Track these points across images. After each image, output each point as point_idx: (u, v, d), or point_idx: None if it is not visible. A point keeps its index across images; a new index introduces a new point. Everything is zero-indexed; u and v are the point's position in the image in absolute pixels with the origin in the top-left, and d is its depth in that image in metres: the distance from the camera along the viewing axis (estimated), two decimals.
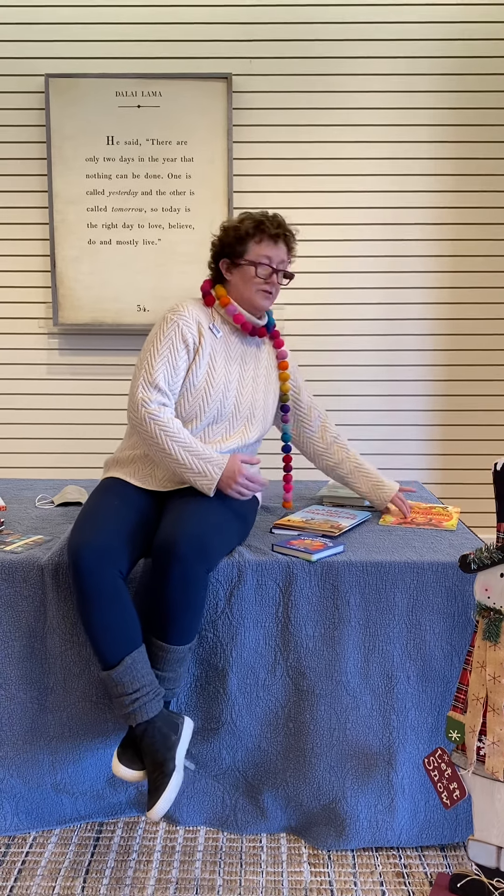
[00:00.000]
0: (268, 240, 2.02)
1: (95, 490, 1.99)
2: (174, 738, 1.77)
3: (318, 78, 3.45)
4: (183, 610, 1.76)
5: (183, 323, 2.00)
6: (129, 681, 1.73)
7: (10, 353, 3.63)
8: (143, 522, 1.89)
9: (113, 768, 1.77)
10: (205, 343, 2.02)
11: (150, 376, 1.94)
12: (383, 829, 1.90)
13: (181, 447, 1.90)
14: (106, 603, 1.73)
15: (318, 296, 3.58)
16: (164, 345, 1.98)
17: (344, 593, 1.87)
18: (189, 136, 3.47)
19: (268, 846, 1.93)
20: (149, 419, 1.91)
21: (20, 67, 3.46)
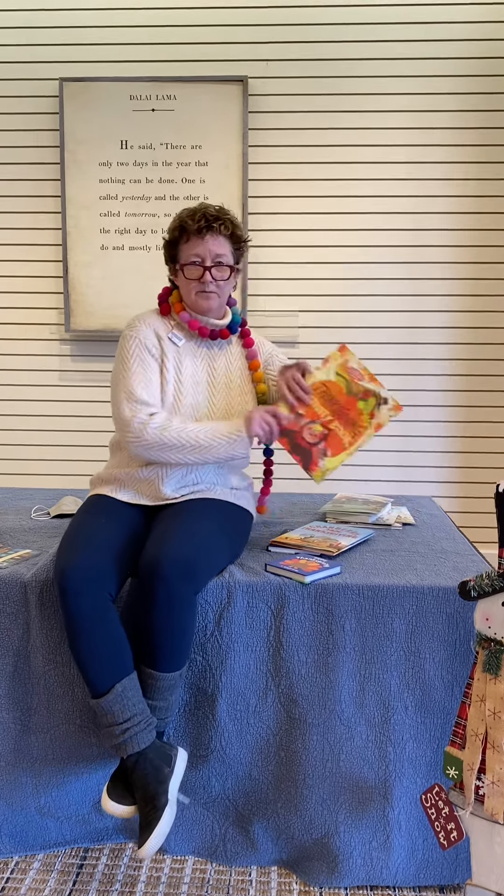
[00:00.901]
0: (193, 237, 1.90)
1: (81, 508, 1.92)
2: (167, 771, 1.68)
3: (336, 80, 3.36)
4: (170, 634, 1.68)
5: (142, 336, 1.95)
6: (119, 710, 1.66)
7: (22, 358, 3.60)
8: (131, 540, 1.82)
9: (102, 804, 1.69)
10: (167, 355, 1.95)
11: (130, 393, 1.89)
12: (378, 867, 1.80)
13: (197, 432, 1.83)
14: (94, 627, 1.65)
15: (334, 303, 3.49)
16: (132, 361, 1.92)
17: (339, 618, 1.78)
18: (203, 140, 3.41)
19: (257, 880, 1.84)
20: (149, 429, 1.84)
21: (34, 71, 3.43)
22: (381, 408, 1.91)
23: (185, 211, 1.94)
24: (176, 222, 1.94)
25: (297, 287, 3.50)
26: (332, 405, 1.90)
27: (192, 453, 1.84)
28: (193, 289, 1.92)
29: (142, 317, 1.98)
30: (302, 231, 3.46)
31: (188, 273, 1.91)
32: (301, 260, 3.48)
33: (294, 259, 3.48)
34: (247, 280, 3.45)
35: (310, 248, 3.46)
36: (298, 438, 1.90)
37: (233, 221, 1.94)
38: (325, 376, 1.92)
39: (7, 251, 3.54)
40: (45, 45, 3.40)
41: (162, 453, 1.86)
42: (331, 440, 1.89)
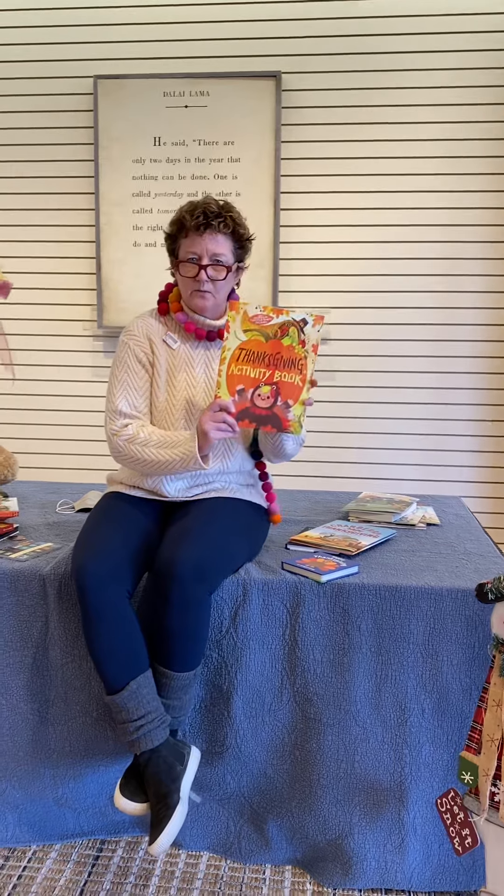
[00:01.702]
0: (192, 234, 1.85)
1: (97, 505, 1.93)
2: (179, 769, 1.69)
3: (372, 74, 3.33)
4: (185, 634, 1.69)
5: (134, 343, 1.94)
6: (133, 707, 1.67)
7: (55, 354, 3.64)
8: (147, 537, 1.83)
9: (115, 800, 1.70)
10: (159, 359, 1.93)
11: (113, 406, 1.91)
12: (393, 870, 1.78)
13: (156, 448, 1.83)
14: (111, 625, 1.66)
15: (366, 299, 3.45)
16: (121, 370, 1.93)
17: (355, 618, 1.76)
18: (236, 136, 3.40)
19: (271, 878, 1.84)
20: (120, 443, 1.87)
21: (69, 69, 3.46)
22: (305, 331, 1.81)
23: (187, 205, 1.89)
24: (176, 216, 1.89)
25: (328, 283, 3.47)
26: (263, 361, 1.81)
27: (153, 468, 1.85)
28: (189, 287, 1.89)
29: (137, 320, 1.97)
30: (334, 227, 3.43)
31: (183, 270, 1.88)
32: (333, 256, 3.45)
33: (326, 255, 3.45)
34: (277, 276, 3.44)
35: (342, 244, 3.43)
36: (255, 410, 1.81)
37: (234, 219, 1.88)
38: (237, 340, 1.81)
39: (43, 248, 3.58)
40: (80, 43, 3.43)
41: (130, 464, 1.89)
42: (284, 390, 1.80)
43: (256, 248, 3.42)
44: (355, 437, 3.52)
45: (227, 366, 1.80)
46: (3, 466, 2.32)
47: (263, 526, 1.97)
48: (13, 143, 3.53)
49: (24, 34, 3.45)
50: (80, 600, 1.66)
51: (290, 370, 1.80)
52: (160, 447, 1.82)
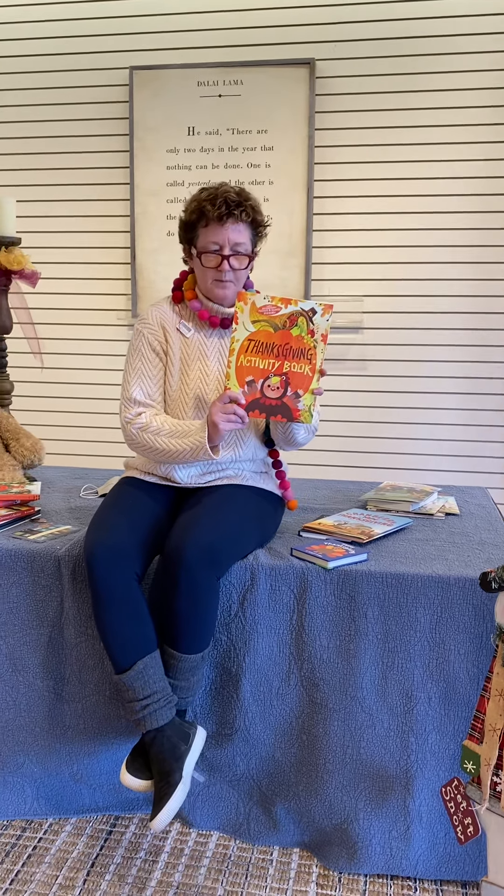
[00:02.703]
0: (213, 223, 1.84)
1: (112, 489, 1.97)
2: (183, 748, 1.72)
3: (406, 59, 3.28)
4: (192, 618, 1.71)
5: (148, 331, 1.95)
6: (140, 686, 1.70)
7: (90, 343, 3.71)
8: (159, 520, 1.86)
9: (121, 777, 1.74)
10: (172, 348, 1.94)
11: (126, 394, 1.94)
12: (398, 856, 1.79)
13: (167, 437, 1.85)
14: (119, 605, 1.70)
15: (401, 287, 3.42)
16: (135, 359, 1.95)
17: (361, 605, 1.76)
18: (270, 124, 3.40)
19: (278, 860, 1.86)
20: (133, 431, 1.89)
21: (105, 61, 3.50)
22: (314, 321, 1.80)
23: (205, 193, 1.88)
24: (194, 205, 1.87)
25: (362, 271, 3.45)
26: (272, 351, 1.80)
27: (164, 456, 1.87)
28: (210, 276, 1.89)
29: (153, 308, 1.99)
30: (368, 214, 3.41)
31: (205, 261, 1.88)
32: (367, 244, 3.43)
33: (360, 243, 3.43)
34: (310, 264, 3.43)
35: (376, 231, 3.41)
36: (265, 401, 1.81)
37: (254, 207, 1.88)
38: (245, 332, 1.81)
39: (79, 238, 3.64)
40: (116, 34, 3.47)
41: (143, 452, 1.91)
42: (294, 380, 1.80)
43: (289, 237, 3.42)
44: (387, 426, 3.50)
45: (236, 357, 1.81)
46: (29, 451, 2.38)
47: (276, 513, 1.98)
48: (50, 136, 3.59)
49: (61, 27, 3.51)
50: (89, 580, 1.70)
51: (300, 360, 1.80)
52: (171, 436, 1.85)
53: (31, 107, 3.59)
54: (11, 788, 1.97)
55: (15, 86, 3.59)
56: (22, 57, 3.56)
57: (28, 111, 3.60)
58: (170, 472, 1.94)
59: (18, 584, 1.89)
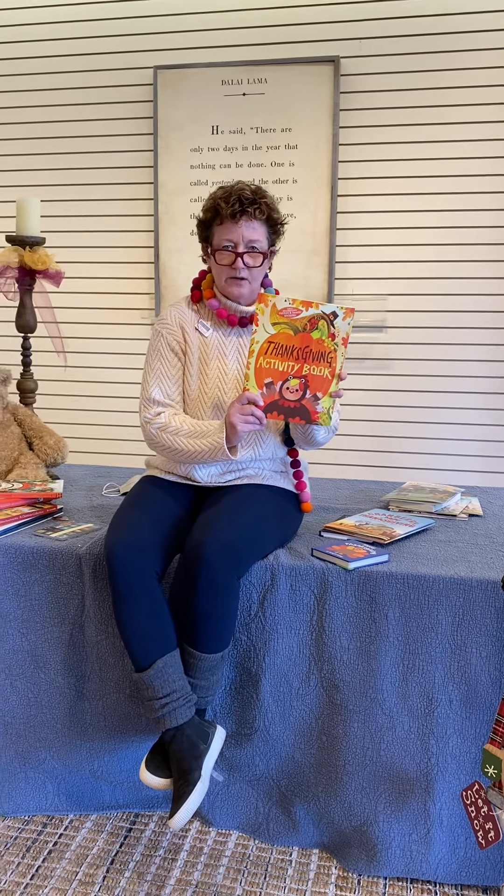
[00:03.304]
0: (227, 221, 1.84)
1: (133, 488, 1.98)
2: (202, 747, 1.72)
3: (432, 56, 3.25)
4: (212, 617, 1.71)
5: (166, 331, 1.95)
6: (159, 685, 1.71)
7: (113, 342, 3.72)
8: (179, 519, 1.86)
9: (140, 774, 1.74)
10: (191, 347, 1.94)
11: (146, 394, 1.94)
12: (418, 860, 1.78)
13: (185, 438, 1.85)
14: (139, 604, 1.71)
15: (425, 286, 3.40)
16: (154, 359, 1.95)
17: (382, 606, 1.75)
18: (294, 122, 3.39)
19: (297, 861, 1.86)
20: (152, 431, 1.90)
21: (130, 61, 3.51)
22: (335, 324, 1.78)
23: (220, 191, 1.88)
24: (210, 203, 1.88)
25: (386, 270, 3.43)
26: (291, 354, 1.79)
27: (183, 456, 1.87)
28: (225, 274, 1.89)
29: (172, 308, 1.99)
30: (393, 213, 3.38)
31: (220, 258, 1.88)
32: (391, 242, 3.40)
33: (383, 241, 3.41)
34: (334, 263, 3.42)
35: (400, 229, 3.38)
36: (284, 403, 1.80)
37: (269, 204, 1.88)
38: (266, 333, 1.79)
39: (103, 237, 3.66)
40: (141, 34, 3.48)
41: (162, 452, 1.91)
42: (313, 383, 1.78)
43: (312, 235, 3.41)
44: (410, 426, 3.47)
45: (255, 359, 1.80)
46: (52, 450, 2.40)
47: (296, 513, 1.97)
48: (75, 135, 3.61)
49: (85, 28, 3.53)
50: (109, 578, 1.71)
51: (320, 363, 1.79)
52: (190, 436, 1.85)
53: (55, 107, 3.62)
54: (33, 784, 1.98)
55: (40, 86, 3.62)
56: (47, 58, 3.59)
57: (53, 111, 3.62)
58: (190, 471, 1.94)
59: (40, 581, 1.91)
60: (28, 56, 3.60)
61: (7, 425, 2.36)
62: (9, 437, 2.34)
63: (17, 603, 1.92)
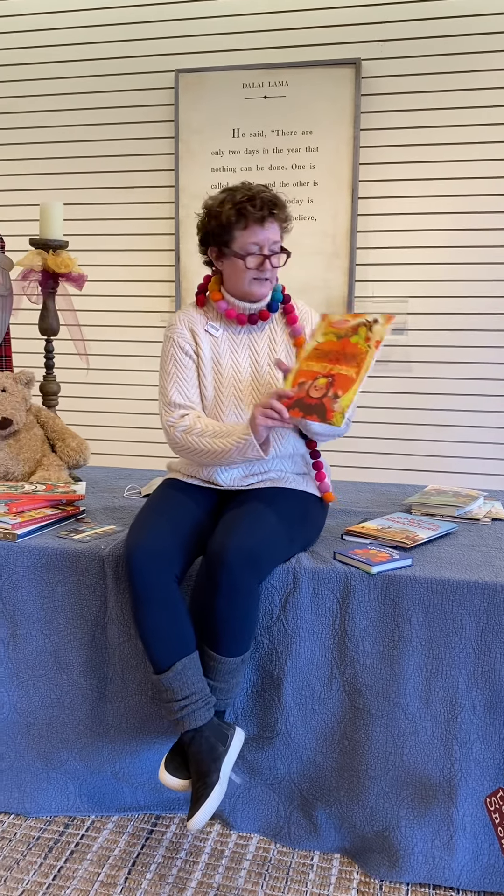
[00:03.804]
0: (254, 224, 1.85)
1: (155, 491, 1.98)
2: (221, 750, 1.72)
3: (453, 58, 3.24)
4: (232, 621, 1.71)
5: (177, 336, 1.96)
6: (178, 687, 1.71)
7: (134, 345, 3.74)
8: (200, 523, 1.87)
9: (159, 775, 1.75)
10: (203, 349, 1.95)
11: (166, 398, 1.95)
12: (441, 866, 1.76)
13: (212, 438, 1.85)
14: (158, 606, 1.71)
15: (446, 288, 3.38)
16: (169, 364, 1.96)
17: (405, 610, 1.74)
18: (314, 125, 3.39)
19: (318, 865, 1.85)
20: (178, 435, 1.90)
21: (151, 65, 3.53)
22: (373, 328, 1.80)
23: (238, 194, 1.87)
24: (230, 206, 1.86)
25: (407, 272, 3.42)
26: (329, 357, 1.81)
27: (211, 458, 1.87)
28: (250, 276, 1.90)
29: (180, 314, 2.01)
30: (414, 215, 3.37)
31: (250, 262, 1.88)
32: (412, 244, 3.39)
33: (404, 244, 3.40)
34: (354, 265, 3.41)
35: (421, 231, 3.37)
36: (307, 400, 1.80)
37: (285, 205, 1.92)
38: (314, 342, 1.85)
39: (125, 241, 3.68)
40: (162, 38, 3.50)
41: (189, 455, 1.91)
42: (338, 382, 1.78)
43: (333, 238, 3.41)
44: (431, 429, 3.46)
45: (299, 362, 1.84)
46: (75, 452, 2.41)
47: (319, 517, 1.97)
48: (97, 139, 3.64)
49: (107, 32, 3.55)
50: (128, 581, 1.72)
51: (350, 364, 1.80)
52: (216, 437, 1.85)
53: (78, 111, 3.64)
54: (55, 785, 1.99)
55: (63, 91, 3.64)
56: (69, 62, 3.61)
57: (75, 115, 3.64)
58: (212, 474, 1.94)
59: (63, 583, 1.92)
60: (50, 60, 3.63)
61: (30, 427, 2.37)
62: (32, 439, 2.36)
63: (41, 604, 1.93)
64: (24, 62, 3.66)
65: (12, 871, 1.82)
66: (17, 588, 1.93)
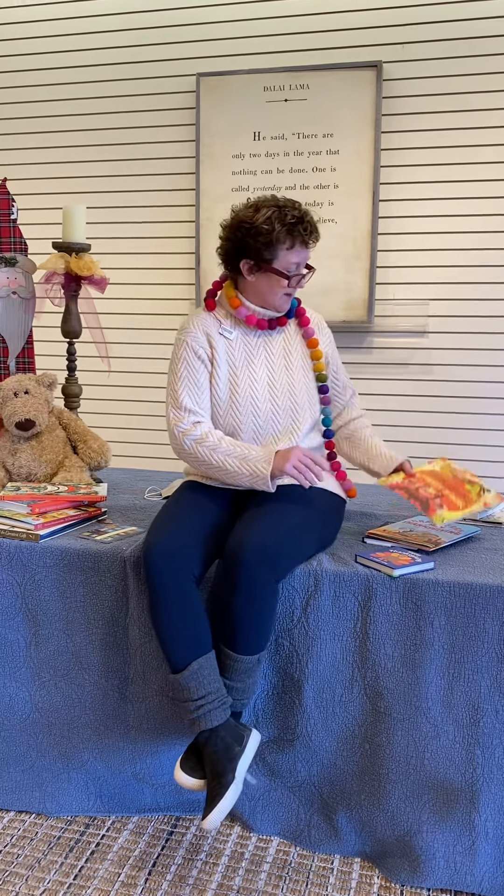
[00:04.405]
0: (300, 246, 1.90)
1: (175, 492, 1.99)
2: (237, 750, 1.72)
3: (475, 59, 3.23)
4: (249, 619, 1.71)
5: (191, 339, 1.96)
6: (194, 687, 1.71)
7: (156, 347, 3.75)
8: (219, 523, 1.87)
9: (175, 774, 1.76)
10: (218, 353, 1.95)
11: (175, 402, 1.94)
12: (462, 872, 1.75)
13: (225, 455, 1.84)
14: (176, 605, 1.72)
15: (467, 291, 3.37)
16: (180, 367, 1.96)
17: (428, 614, 1.73)
18: (335, 128, 3.39)
19: (339, 869, 1.84)
20: (187, 441, 1.89)
21: (173, 69, 3.55)
22: (485, 493, 1.98)
23: (288, 215, 1.87)
24: (281, 226, 1.86)
25: (427, 275, 3.40)
26: (442, 480, 1.97)
27: (218, 472, 1.87)
28: (282, 292, 1.94)
29: (192, 317, 2.00)
30: (435, 217, 3.36)
31: (293, 281, 1.92)
32: (433, 247, 3.38)
33: (425, 246, 3.39)
34: (374, 268, 3.40)
35: (442, 234, 3.36)
36: (415, 490, 1.92)
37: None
38: (432, 468, 2.04)
39: (146, 244, 3.69)
40: (184, 42, 3.51)
41: (196, 464, 1.91)
42: (445, 499, 1.90)
43: (354, 240, 3.40)
44: (452, 432, 3.44)
45: (414, 469, 2.03)
46: (96, 453, 2.42)
47: (337, 515, 1.97)
48: (119, 143, 3.66)
49: (129, 37, 3.57)
50: (147, 581, 1.72)
51: (458, 496, 1.93)
52: (229, 456, 1.84)
53: (99, 115, 3.66)
54: (76, 785, 2.00)
55: (85, 95, 3.67)
56: (91, 66, 3.64)
57: (97, 119, 3.67)
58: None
59: (85, 583, 1.93)
60: (72, 66, 3.66)
61: (52, 429, 2.39)
62: (54, 440, 2.37)
63: (62, 604, 1.94)
64: (46, 67, 3.69)
65: (34, 871, 1.83)
66: (40, 588, 1.94)
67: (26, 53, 3.71)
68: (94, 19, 3.60)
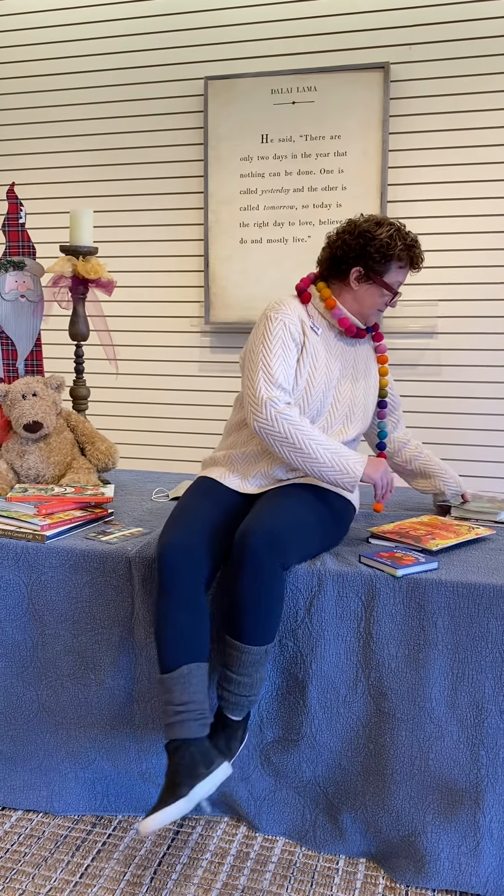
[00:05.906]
0: (408, 268, 2.00)
1: (189, 489, 2.00)
2: (201, 771, 1.64)
3: (482, 60, 3.22)
4: (256, 605, 1.71)
5: (288, 321, 1.95)
6: (179, 691, 1.69)
7: (164, 350, 3.77)
8: (230, 524, 1.88)
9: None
10: (308, 341, 1.96)
11: (270, 375, 1.88)
12: (467, 873, 1.75)
13: (318, 445, 1.83)
14: (182, 604, 1.72)
15: (476, 291, 3.36)
16: (275, 343, 1.91)
17: (431, 614, 1.73)
18: (343, 129, 3.39)
19: (344, 869, 1.85)
20: (280, 418, 1.84)
21: (181, 72, 3.56)
22: (475, 529, 2.05)
23: (408, 237, 1.97)
24: (402, 245, 1.95)
25: (436, 275, 3.40)
26: (432, 527, 2.04)
27: (305, 459, 1.84)
28: (378, 306, 2.01)
29: (286, 301, 1.99)
30: (443, 218, 3.36)
31: (381, 294, 1.99)
32: (441, 248, 3.38)
33: (434, 247, 3.39)
34: None
35: (451, 235, 3.36)
36: (406, 533, 1.98)
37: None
38: (419, 520, 2.11)
39: (154, 247, 3.71)
40: (192, 46, 3.53)
41: (279, 445, 1.84)
42: (436, 535, 1.96)
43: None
44: (461, 433, 3.43)
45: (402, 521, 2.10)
46: (104, 455, 2.44)
47: (346, 516, 1.97)
48: (127, 146, 3.68)
49: (137, 41, 3.59)
50: (158, 576, 1.74)
51: (449, 532, 1.99)
52: (322, 446, 1.83)
53: (107, 119, 3.69)
54: (83, 784, 2.01)
55: (92, 100, 3.69)
56: (98, 72, 3.66)
57: (105, 123, 3.69)
58: (267, 465, 1.98)
59: (91, 584, 1.94)
60: (79, 70, 3.69)
61: (60, 431, 2.41)
62: (62, 442, 2.39)
63: (69, 604, 1.96)
64: (54, 72, 3.72)
65: (40, 869, 1.84)
66: (46, 588, 1.96)
67: (34, 59, 3.74)
68: (101, 24, 3.63)
